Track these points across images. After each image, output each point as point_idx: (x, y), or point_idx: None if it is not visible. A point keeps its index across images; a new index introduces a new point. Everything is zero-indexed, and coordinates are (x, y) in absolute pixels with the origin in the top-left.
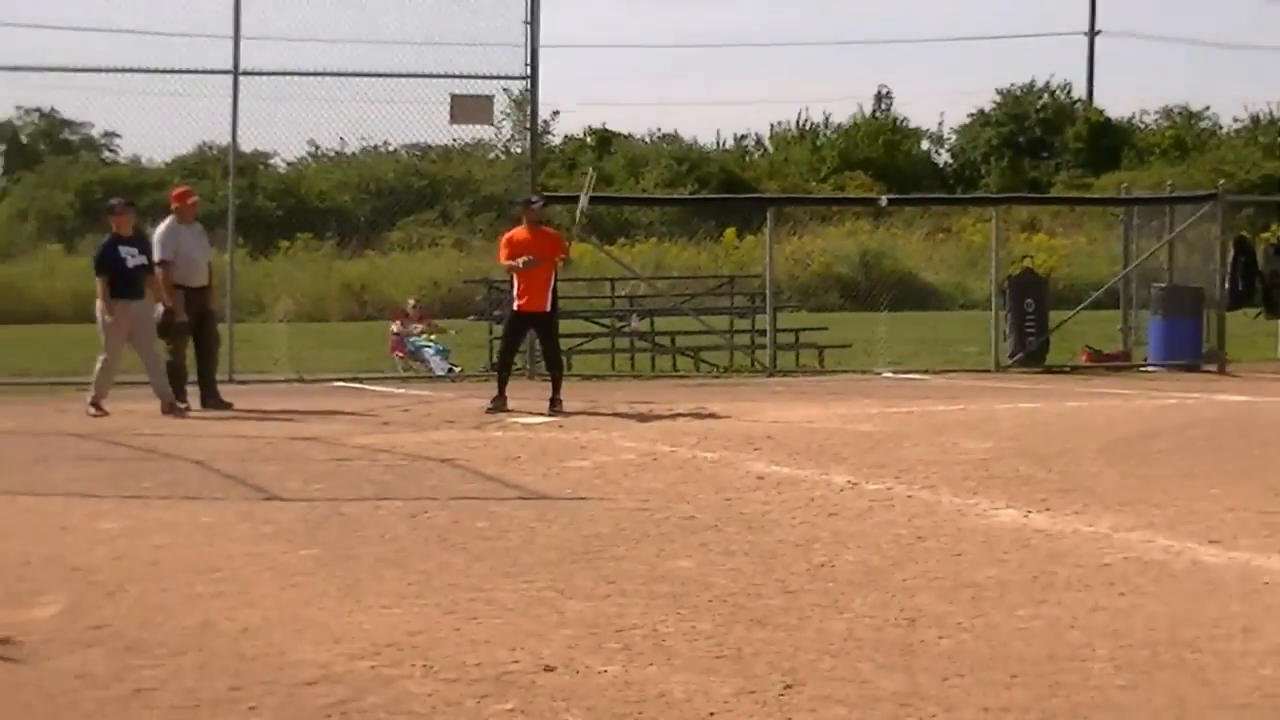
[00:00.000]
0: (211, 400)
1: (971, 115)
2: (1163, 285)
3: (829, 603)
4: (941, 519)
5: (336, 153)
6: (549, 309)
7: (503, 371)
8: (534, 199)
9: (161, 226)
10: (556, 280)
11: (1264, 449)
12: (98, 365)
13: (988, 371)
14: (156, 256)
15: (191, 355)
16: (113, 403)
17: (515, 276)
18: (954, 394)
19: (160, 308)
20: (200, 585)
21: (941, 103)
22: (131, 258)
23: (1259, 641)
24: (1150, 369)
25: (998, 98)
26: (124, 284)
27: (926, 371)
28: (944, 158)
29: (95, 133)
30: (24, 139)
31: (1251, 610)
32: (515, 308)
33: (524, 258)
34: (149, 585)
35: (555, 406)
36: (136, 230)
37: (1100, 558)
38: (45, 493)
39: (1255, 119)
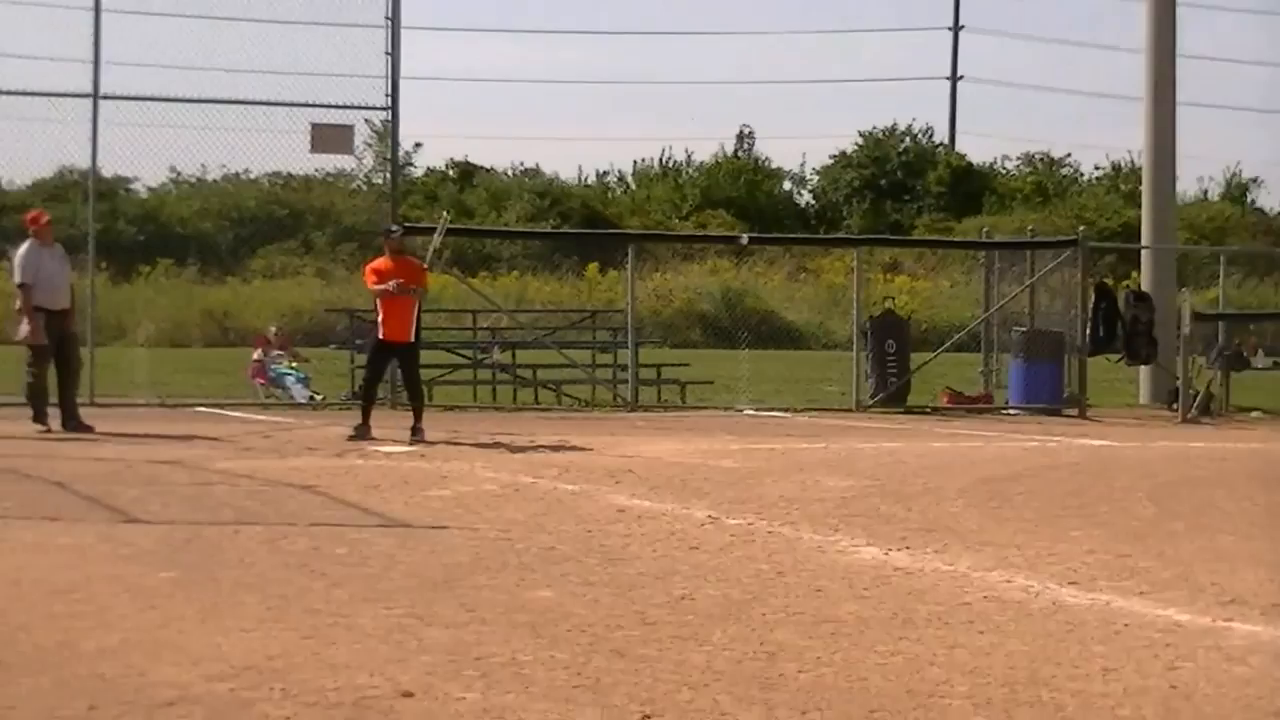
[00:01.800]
0: (73, 423)
1: (834, 157)
2: (1024, 329)
3: (688, 635)
4: (802, 555)
5: (198, 179)
6: (412, 339)
7: (366, 400)
8: (393, 228)
9: (21, 249)
10: (420, 311)
11: (1124, 493)
12: None
13: (849, 411)
14: (16, 279)
15: (53, 377)
16: None
17: (379, 306)
18: (816, 432)
19: (24, 329)
20: (59, 606)
21: (804, 144)
22: None
23: (1117, 683)
24: (1011, 412)
25: (860, 140)
26: None
27: (788, 409)
28: (806, 198)
29: None
30: None
31: (1110, 651)
32: (379, 336)
33: (394, 281)
34: (10, 604)
35: (416, 436)
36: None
37: (960, 596)
38: None
39: (1116, 167)
